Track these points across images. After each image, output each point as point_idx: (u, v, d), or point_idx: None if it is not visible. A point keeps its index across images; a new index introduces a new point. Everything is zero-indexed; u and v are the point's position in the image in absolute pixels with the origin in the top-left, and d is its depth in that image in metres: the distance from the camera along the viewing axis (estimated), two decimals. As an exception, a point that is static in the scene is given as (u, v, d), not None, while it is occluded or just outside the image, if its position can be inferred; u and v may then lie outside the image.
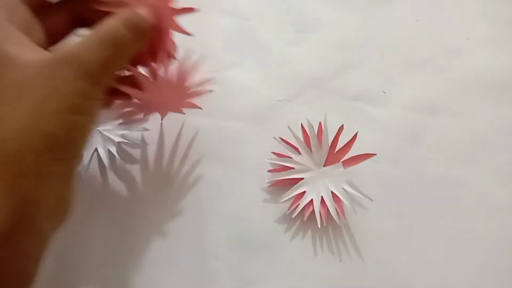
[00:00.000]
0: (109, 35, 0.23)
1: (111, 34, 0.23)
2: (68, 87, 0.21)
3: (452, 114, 0.39)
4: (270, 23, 0.42)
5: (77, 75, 0.22)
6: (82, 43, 0.23)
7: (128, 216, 0.36)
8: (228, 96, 0.40)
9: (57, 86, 0.21)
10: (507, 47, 0.41)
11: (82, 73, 0.22)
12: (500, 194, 0.37)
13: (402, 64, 0.41)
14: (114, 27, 0.24)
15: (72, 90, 0.21)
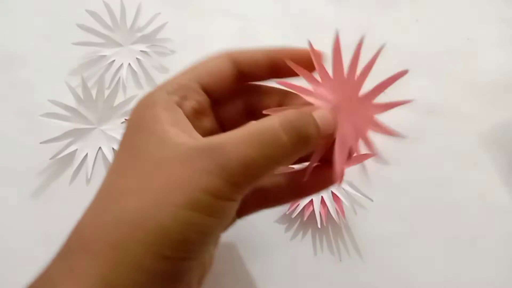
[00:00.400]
0: (260, 133, 0.19)
1: (263, 132, 0.19)
2: (197, 179, 0.18)
3: (452, 114, 0.39)
4: (270, 23, 0.42)
5: (212, 169, 0.19)
6: (230, 135, 0.19)
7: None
8: (228, 96, 0.40)
9: (187, 177, 0.19)
10: (507, 47, 0.41)
11: (218, 168, 0.19)
12: (500, 194, 0.37)
13: (402, 65, 0.41)
14: (269, 125, 0.20)
15: (201, 184, 0.18)
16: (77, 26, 0.40)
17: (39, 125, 0.38)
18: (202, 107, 0.23)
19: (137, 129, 0.21)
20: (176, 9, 0.42)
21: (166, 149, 0.20)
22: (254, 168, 0.19)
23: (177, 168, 0.19)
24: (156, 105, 0.22)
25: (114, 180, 0.21)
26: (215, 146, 0.19)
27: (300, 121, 0.20)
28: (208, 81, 0.23)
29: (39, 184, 0.37)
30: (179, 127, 0.21)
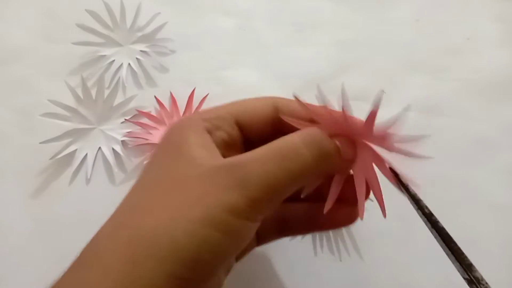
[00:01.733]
0: (281, 147, 0.19)
1: (283, 147, 0.19)
2: (215, 195, 0.18)
3: (452, 114, 0.39)
4: (270, 23, 0.42)
5: (230, 185, 0.18)
6: (251, 153, 0.19)
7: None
8: (228, 96, 0.40)
9: (204, 192, 0.18)
10: (507, 46, 0.41)
11: (237, 183, 0.18)
12: (501, 194, 0.37)
13: (402, 64, 0.41)
14: (290, 140, 0.20)
15: (218, 200, 0.18)
16: (77, 26, 0.40)
17: (39, 125, 0.38)
18: (233, 140, 0.23)
19: (165, 149, 0.22)
20: (176, 8, 0.42)
21: (189, 167, 0.20)
22: (275, 183, 0.18)
23: (195, 185, 0.19)
24: (188, 128, 0.22)
25: (135, 195, 0.21)
26: (235, 163, 0.19)
27: (321, 137, 0.20)
28: (244, 118, 0.23)
29: (39, 184, 0.37)
30: (206, 150, 0.21)
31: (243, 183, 0.18)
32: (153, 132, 0.38)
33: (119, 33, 0.41)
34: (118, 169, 0.38)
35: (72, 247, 0.36)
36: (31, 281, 0.35)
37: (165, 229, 0.18)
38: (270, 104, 0.24)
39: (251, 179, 0.18)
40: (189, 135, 0.21)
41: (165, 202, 0.19)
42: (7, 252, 0.35)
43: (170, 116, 0.39)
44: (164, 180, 0.20)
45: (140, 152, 0.38)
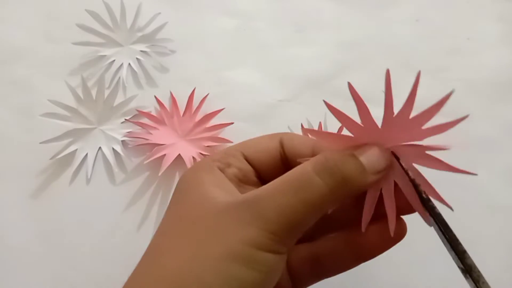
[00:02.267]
0: (293, 178, 0.19)
1: (295, 178, 0.19)
2: (234, 230, 0.18)
3: (451, 114, 0.39)
4: (270, 23, 0.42)
5: (248, 219, 0.18)
6: (265, 186, 0.19)
7: (132, 213, 0.37)
8: (228, 96, 0.40)
9: (224, 229, 0.18)
10: (507, 46, 0.41)
11: (255, 217, 0.18)
12: (501, 194, 0.37)
13: (402, 64, 0.41)
14: (301, 170, 0.19)
15: (238, 234, 0.18)
16: (77, 26, 0.40)
17: (39, 125, 0.38)
18: (245, 175, 0.23)
19: (181, 192, 0.22)
20: (176, 9, 0.42)
21: (206, 206, 0.20)
22: (292, 214, 0.18)
23: (214, 222, 0.19)
24: (200, 169, 0.23)
25: (157, 241, 0.21)
26: (251, 198, 0.19)
27: (334, 162, 0.19)
28: (253, 154, 0.24)
29: (39, 184, 0.37)
30: (221, 187, 0.21)
31: (261, 217, 0.18)
32: (153, 132, 0.38)
33: (119, 33, 0.41)
34: (118, 169, 0.38)
35: (72, 247, 0.36)
36: (31, 281, 0.35)
37: (188, 268, 0.18)
38: (277, 139, 0.24)
39: (268, 213, 0.18)
40: (203, 175, 0.22)
41: (186, 240, 0.19)
42: (7, 252, 0.35)
43: (170, 116, 0.39)
44: (183, 220, 0.20)
45: (140, 152, 0.38)
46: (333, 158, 0.19)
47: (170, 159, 0.37)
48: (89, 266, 0.35)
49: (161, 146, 0.37)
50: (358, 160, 0.19)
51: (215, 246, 0.18)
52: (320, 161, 0.19)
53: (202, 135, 0.38)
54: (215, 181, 0.21)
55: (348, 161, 0.19)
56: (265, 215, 0.18)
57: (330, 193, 0.19)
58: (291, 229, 0.19)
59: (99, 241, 0.36)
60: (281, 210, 0.18)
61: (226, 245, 0.18)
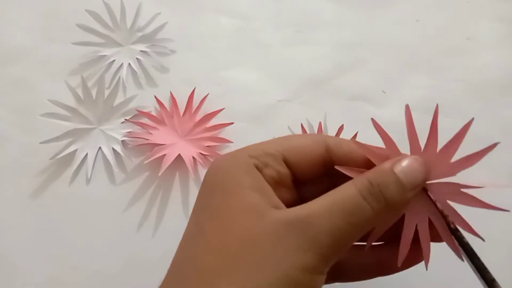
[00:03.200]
0: (342, 202, 0.19)
1: (344, 201, 0.19)
2: (288, 256, 0.18)
3: (452, 114, 0.39)
4: (270, 23, 0.42)
5: (302, 244, 0.18)
6: (312, 208, 0.19)
7: (132, 213, 0.37)
8: (228, 96, 0.40)
9: (276, 253, 0.18)
10: (507, 47, 0.41)
11: (309, 242, 0.18)
12: (501, 194, 0.37)
13: (402, 64, 0.41)
14: (349, 193, 0.19)
15: (293, 260, 0.18)
16: (77, 26, 0.40)
17: (39, 125, 0.38)
18: (282, 178, 0.22)
19: (215, 191, 0.21)
20: (176, 9, 0.42)
21: (250, 220, 0.19)
22: (342, 238, 0.19)
23: (266, 245, 0.19)
24: (237, 167, 0.21)
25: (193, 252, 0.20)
26: (302, 219, 0.19)
27: (378, 185, 0.20)
28: (293, 157, 0.23)
29: (39, 184, 0.37)
30: (260, 192, 0.20)
31: (315, 242, 0.18)
32: (153, 132, 0.38)
33: (119, 33, 0.41)
34: (118, 169, 0.38)
35: (72, 247, 0.36)
36: (31, 281, 0.35)
37: None
38: (321, 142, 0.23)
39: (322, 238, 0.18)
40: (241, 175, 0.21)
41: (233, 264, 0.19)
42: (7, 252, 0.35)
43: (170, 116, 0.39)
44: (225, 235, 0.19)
45: (140, 152, 0.38)
46: (376, 183, 0.20)
47: (170, 159, 0.37)
48: (89, 266, 0.35)
49: (161, 146, 0.37)
50: (399, 181, 0.20)
51: (271, 273, 0.18)
52: (366, 185, 0.20)
53: (202, 135, 0.38)
54: (255, 185, 0.20)
55: (389, 183, 0.20)
56: (319, 240, 0.18)
57: (376, 216, 0.19)
58: (339, 251, 0.19)
59: (99, 241, 0.36)
60: (333, 234, 0.19)
61: (282, 271, 0.18)
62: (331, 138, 0.23)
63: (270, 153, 0.22)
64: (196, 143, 0.38)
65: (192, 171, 0.37)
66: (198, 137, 0.38)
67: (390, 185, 0.20)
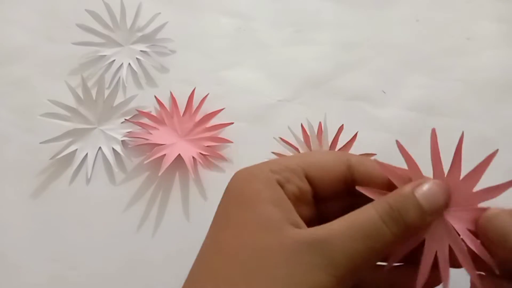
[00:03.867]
0: (362, 225, 0.19)
1: (364, 225, 0.19)
2: (305, 277, 0.18)
3: (452, 114, 0.39)
4: (270, 23, 0.42)
5: (318, 264, 0.18)
6: (331, 229, 0.19)
7: (132, 213, 0.37)
8: (228, 96, 0.40)
9: (294, 273, 0.18)
10: (506, 47, 0.41)
11: (324, 263, 0.18)
12: (501, 194, 0.37)
13: (402, 64, 0.41)
14: (369, 217, 0.19)
15: (307, 280, 0.18)
16: (77, 26, 0.40)
17: (39, 125, 0.38)
18: (303, 194, 0.22)
19: (236, 203, 0.21)
20: (176, 9, 0.42)
21: (269, 235, 0.19)
22: (359, 261, 0.19)
23: (283, 262, 0.19)
24: (259, 180, 0.21)
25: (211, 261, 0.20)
26: (320, 239, 0.19)
27: (398, 209, 0.20)
28: (315, 173, 0.23)
29: (39, 184, 0.37)
30: (281, 207, 0.20)
31: (331, 263, 0.18)
32: (153, 132, 0.38)
33: (119, 33, 0.41)
34: (118, 169, 0.38)
35: (72, 247, 0.36)
36: (31, 280, 0.35)
37: None
38: (344, 160, 0.23)
39: (338, 259, 0.18)
40: (261, 188, 0.21)
41: (249, 276, 0.19)
42: (7, 252, 0.35)
43: (170, 116, 0.39)
44: (243, 247, 0.19)
45: (140, 152, 0.38)
46: (397, 207, 0.20)
47: (170, 159, 0.37)
48: (89, 266, 0.35)
49: (161, 146, 0.37)
50: (419, 205, 0.20)
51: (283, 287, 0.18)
52: (386, 209, 0.20)
53: (202, 135, 0.38)
54: (274, 198, 0.20)
55: (410, 208, 0.20)
56: (335, 261, 0.18)
57: (394, 240, 0.19)
58: (355, 273, 0.19)
59: (99, 241, 0.36)
60: (350, 256, 0.19)
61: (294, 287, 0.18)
62: (353, 156, 0.23)
63: (292, 168, 0.22)
64: (196, 143, 0.38)
65: (192, 171, 0.37)
66: (198, 137, 0.38)
67: (410, 209, 0.20)
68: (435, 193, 0.21)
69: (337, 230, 0.19)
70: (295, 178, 0.22)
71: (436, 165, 0.22)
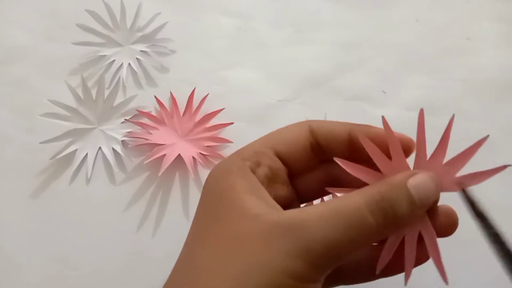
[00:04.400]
0: (345, 214, 0.18)
1: (348, 214, 0.18)
2: (280, 261, 0.18)
3: (451, 114, 0.39)
4: (270, 23, 0.42)
5: (295, 251, 0.18)
6: (312, 212, 0.18)
7: (132, 213, 0.37)
8: (228, 96, 0.40)
9: (269, 257, 0.18)
10: (506, 47, 0.41)
11: (302, 250, 0.18)
12: (501, 194, 0.37)
13: (402, 64, 0.41)
14: (354, 206, 0.18)
15: (284, 266, 0.18)
16: (77, 26, 0.40)
17: (39, 125, 0.38)
18: (275, 174, 0.22)
19: (213, 198, 0.21)
20: (176, 9, 0.42)
21: (245, 222, 0.19)
22: (339, 250, 0.18)
23: (258, 247, 0.18)
24: (231, 172, 0.21)
25: (192, 253, 0.20)
26: (297, 224, 0.18)
27: (388, 200, 0.19)
28: (283, 148, 0.22)
29: (39, 184, 0.37)
30: (255, 195, 0.20)
31: (307, 250, 0.18)
32: (153, 132, 0.38)
33: (119, 33, 0.41)
34: (118, 169, 0.38)
35: (72, 247, 0.36)
36: (31, 280, 0.35)
37: None
38: (304, 129, 0.23)
39: (316, 247, 0.18)
40: (235, 180, 0.21)
41: (226, 263, 0.18)
42: (7, 252, 0.35)
43: (170, 116, 0.39)
44: (220, 237, 0.19)
45: (140, 152, 0.38)
46: (388, 197, 0.19)
47: (170, 159, 0.37)
48: (89, 266, 0.35)
49: (161, 146, 0.37)
50: (411, 197, 0.19)
51: (259, 276, 0.18)
52: (375, 199, 0.19)
53: (202, 135, 0.38)
54: (249, 187, 0.20)
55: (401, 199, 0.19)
56: (313, 249, 0.18)
57: (379, 231, 0.18)
58: (335, 262, 0.18)
59: (99, 241, 0.36)
60: (330, 245, 0.18)
61: (271, 276, 0.18)
62: (313, 122, 0.23)
63: (260, 151, 0.22)
64: (196, 143, 0.38)
65: (192, 171, 0.37)
66: (198, 137, 0.38)
67: (402, 201, 0.19)
68: (428, 185, 0.20)
69: (316, 215, 0.18)
70: (265, 159, 0.22)
71: (420, 147, 0.21)
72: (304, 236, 0.18)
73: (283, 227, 0.18)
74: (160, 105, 0.39)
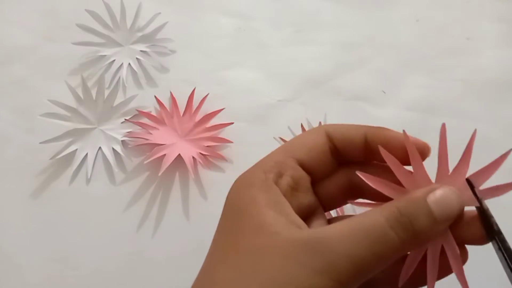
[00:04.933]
0: (367, 230, 0.18)
1: (369, 230, 0.18)
2: (303, 278, 0.18)
3: (452, 114, 0.39)
4: (270, 23, 0.42)
5: (319, 267, 0.18)
6: (335, 230, 0.18)
7: (132, 213, 0.37)
8: (228, 96, 0.40)
9: (291, 274, 0.18)
10: (506, 47, 0.41)
11: (326, 266, 0.18)
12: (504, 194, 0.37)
13: (402, 64, 0.41)
14: (375, 222, 0.18)
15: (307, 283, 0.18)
16: (77, 26, 0.40)
17: (39, 125, 0.38)
18: (298, 183, 0.22)
19: (234, 212, 0.21)
20: (176, 9, 0.42)
21: (264, 238, 0.19)
22: (364, 266, 0.18)
23: (280, 262, 0.18)
24: (253, 185, 0.21)
25: (212, 267, 0.20)
26: (319, 241, 0.18)
27: (408, 215, 0.19)
28: (304, 156, 0.22)
29: (39, 184, 0.37)
30: (276, 209, 0.20)
31: (332, 267, 0.18)
32: (153, 132, 0.38)
33: (119, 33, 0.41)
34: (118, 169, 0.38)
35: (72, 247, 0.36)
36: (31, 280, 0.35)
37: None
38: (322, 134, 0.23)
39: (340, 264, 0.18)
40: (256, 194, 0.20)
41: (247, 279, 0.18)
42: (7, 252, 0.35)
43: (170, 116, 0.39)
44: (241, 252, 0.19)
45: (140, 152, 0.38)
46: (406, 213, 0.19)
47: (170, 159, 0.37)
48: (89, 265, 0.35)
49: (161, 146, 0.37)
50: (431, 213, 0.19)
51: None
52: (394, 215, 0.19)
53: (202, 135, 0.38)
54: (270, 201, 0.20)
55: (420, 215, 0.19)
56: (337, 266, 0.18)
57: (402, 246, 0.18)
58: (360, 279, 0.18)
59: (99, 241, 0.36)
60: (354, 262, 0.18)
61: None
62: (329, 126, 0.23)
63: (282, 161, 0.22)
64: (196, 143, 0.38)
65: (192, 171, 0.37)
66: (198, 137, 0.38)
67: (421, 216, 0.19)
68: (449, 201, 0.19)
69: (338, 232, 0.18)
70: (287, 169, 0.22)
71: (442, 163, 0.21)
72: (328, 252, 0.18)
73: (306, 245, 0.18)
74: (160, 105, 0.39)
